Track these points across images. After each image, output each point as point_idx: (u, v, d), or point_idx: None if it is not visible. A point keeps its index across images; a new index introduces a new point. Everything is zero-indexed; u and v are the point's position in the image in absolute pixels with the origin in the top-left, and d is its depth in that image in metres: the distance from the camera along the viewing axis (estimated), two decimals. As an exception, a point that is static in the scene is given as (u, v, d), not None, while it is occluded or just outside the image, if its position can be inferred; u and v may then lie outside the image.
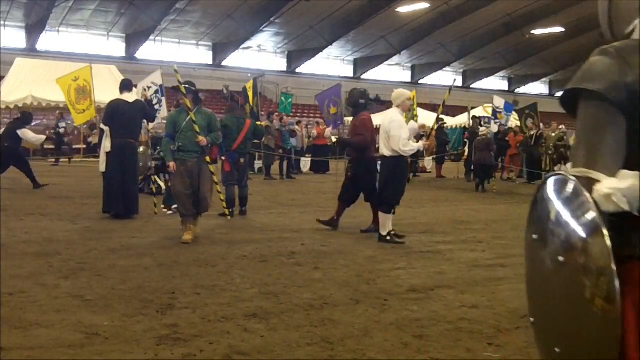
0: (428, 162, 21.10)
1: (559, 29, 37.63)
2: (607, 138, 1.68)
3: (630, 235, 1.60)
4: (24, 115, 13.28)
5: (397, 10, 33.91)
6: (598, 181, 1.62)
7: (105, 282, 5.01)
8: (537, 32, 38.56)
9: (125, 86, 9.05)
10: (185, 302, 4.50)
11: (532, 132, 17.56)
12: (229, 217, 8.61)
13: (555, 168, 14.32)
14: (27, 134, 12.49)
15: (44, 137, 14.89)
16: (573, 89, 1.77)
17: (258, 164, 18.46)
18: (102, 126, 9.35)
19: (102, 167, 8.92)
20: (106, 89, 15.02)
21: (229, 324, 4.04)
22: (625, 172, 1.61)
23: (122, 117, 8.61)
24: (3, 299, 4.38)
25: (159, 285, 4.94)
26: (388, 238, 7.27)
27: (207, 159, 7.17)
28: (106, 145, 8.74)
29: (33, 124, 25.71)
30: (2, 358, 3.38)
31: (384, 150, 7.39)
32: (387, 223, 7.33)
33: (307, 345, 3.71)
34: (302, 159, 20.02)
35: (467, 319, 4.29)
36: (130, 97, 8.94)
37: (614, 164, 1.65)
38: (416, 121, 13.99)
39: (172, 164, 6.96)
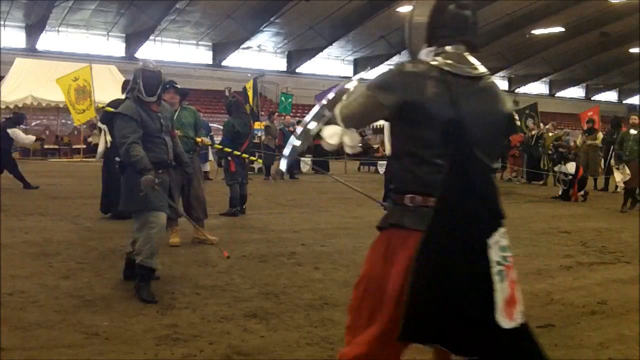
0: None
1: (559, 29, 37.60)
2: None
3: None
4: (17, 115, 13.25)
5: (397, 10, 33.91)
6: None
7: (105, 282, 5.01)
8: (537, 32, 38.53)
9: (126, 87, 9.05)
10: (185, 302, 4.50)
11: (532, 132, 17.56)
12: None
13: (555, 168, 14.27)
14: (18, 134, 12.44)
15: (34, 137, 14.89)
16: None
17: (257, 163, 18.44)
18: (99, 125, 9.35)
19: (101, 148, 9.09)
20: (106, 89, 15.02)
21: (229, 324, 4.04)
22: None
23: None
24: (3, 299, 4.38)
25: (159, 285, 4.93)
26: None
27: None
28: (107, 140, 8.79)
29: (33, 124, 25.83)
30: (2, 358, 3.38)
31: (389, 149, 7.35)
32: None
33: (307, 345, 3.71)
34: (302, 159, 20.01)
35: (467, 319, 4.28)
36: (130, 97, 8.94)
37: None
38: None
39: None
